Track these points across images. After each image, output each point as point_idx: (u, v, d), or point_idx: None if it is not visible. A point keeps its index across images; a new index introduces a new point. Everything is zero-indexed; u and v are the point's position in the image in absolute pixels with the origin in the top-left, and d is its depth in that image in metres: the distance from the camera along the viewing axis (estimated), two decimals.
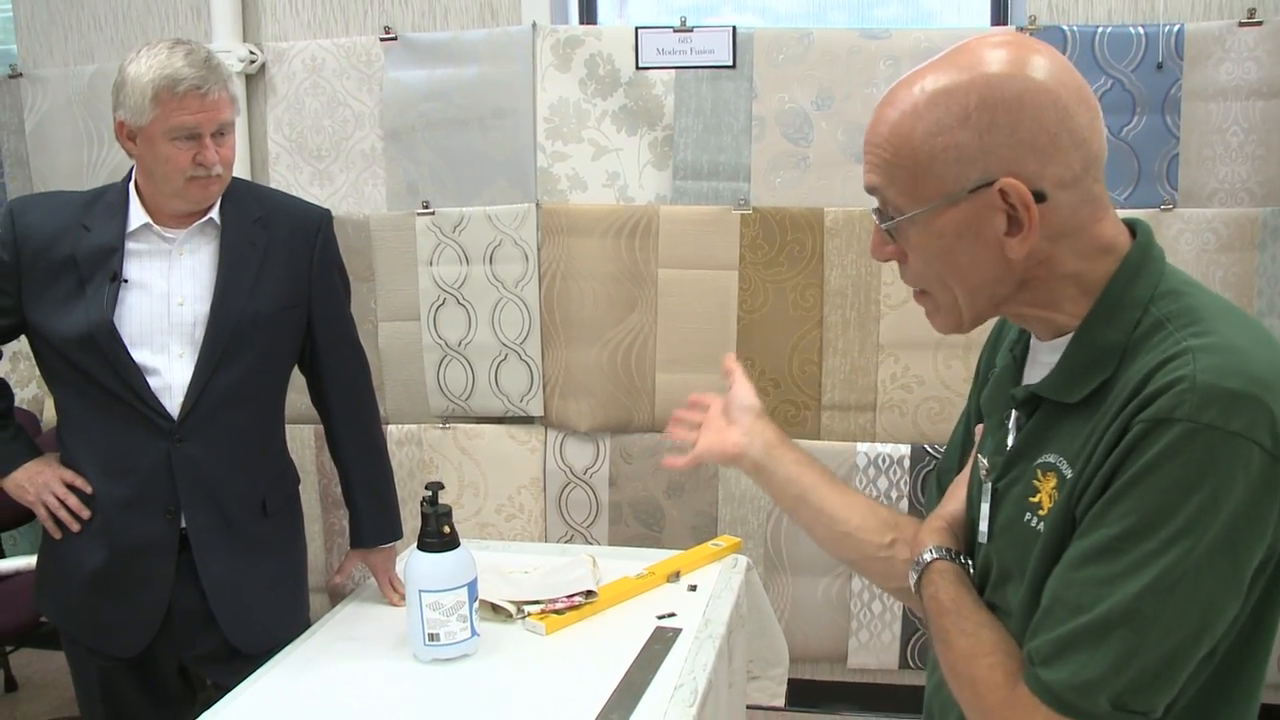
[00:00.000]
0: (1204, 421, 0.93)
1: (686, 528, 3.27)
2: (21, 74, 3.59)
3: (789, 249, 3.14)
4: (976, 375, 1.34)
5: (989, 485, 1.16)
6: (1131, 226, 1.09)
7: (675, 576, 2.24)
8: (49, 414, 3.52)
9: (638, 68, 3.16)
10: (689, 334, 3.21)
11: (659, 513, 3.31)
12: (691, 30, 3.12)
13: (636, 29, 3.14)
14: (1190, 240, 2.96)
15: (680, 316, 3.21)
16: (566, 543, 3.29)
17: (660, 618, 2.05)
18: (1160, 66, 2.91)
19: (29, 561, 2.97)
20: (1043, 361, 1.13)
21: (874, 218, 1.11)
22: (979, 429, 1.26)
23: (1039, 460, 1.08)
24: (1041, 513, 1.07)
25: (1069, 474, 1.04)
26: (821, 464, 1.44)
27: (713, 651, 1.91)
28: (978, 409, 1.29)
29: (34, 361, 2.14)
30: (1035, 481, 1.08)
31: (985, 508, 1.16)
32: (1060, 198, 1.02)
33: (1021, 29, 2.96)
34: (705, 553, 2.34)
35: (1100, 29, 2.94)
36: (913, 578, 1.22)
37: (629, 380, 3.26)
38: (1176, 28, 2.90)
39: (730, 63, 3.12)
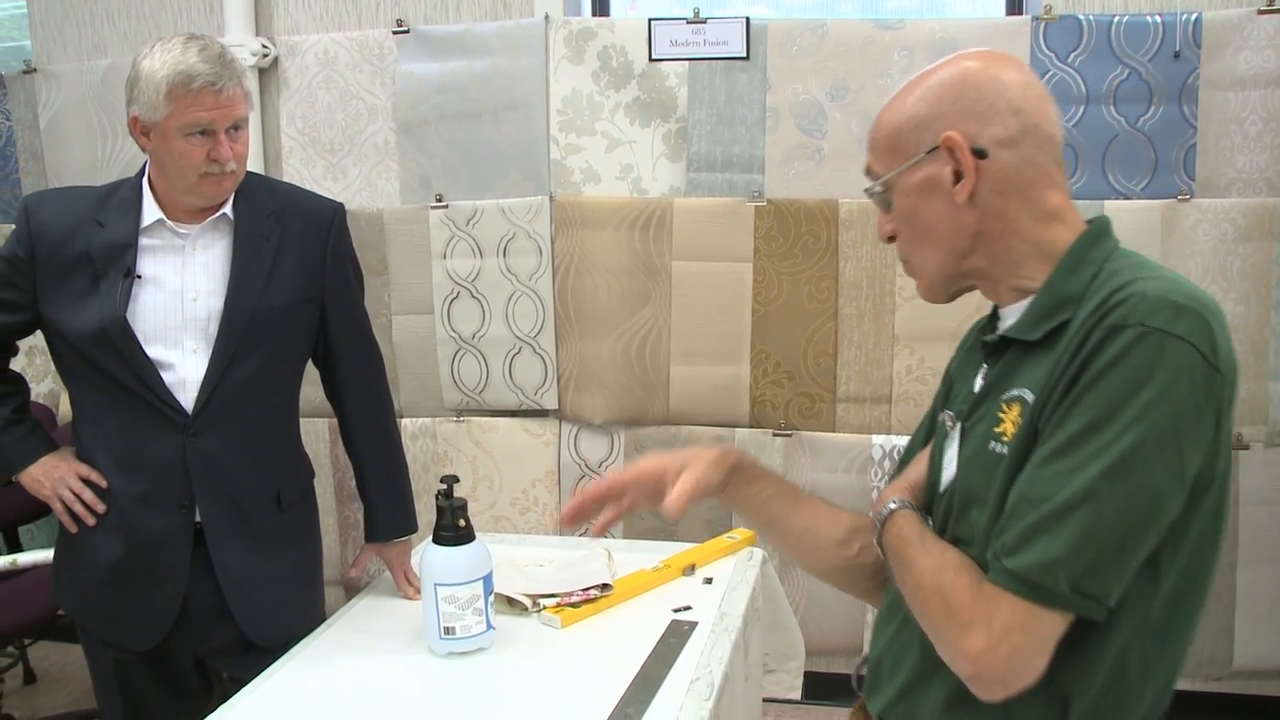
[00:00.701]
0: (1153, 325, 1.06)
1: (701, 521, 3.25)
2: (35, 69, 3.61)
3: (803, 241, 3.13)
4: (945, 375, 1.46)
5: (958, 427, 1.28)
6: (1093, 220, 1.26)
7: (691, 569, 2.23)
8: (65, 409, 3.53)
9: (651, 59, 3.15)
10: (703, 326, 3.20)
11: None
12: (705, 21, 3.11)
13: (649, 20, 3.13)
14: (1208, 231, 2.94)
15: (694, 309, 3.21)
16: (581, 536, 3.28)
17: (676, 611, 2.04)
18: (1178, 55, 2.89)
19: (46, 555, 2.98)
20: (1008, 323, 1.26)
21: (869, 196, 1.31)
22: (944, 416, 1.37)
23: (1004, 395, 1.21)
24: (1005, 439, 1.18)
25: (1032, 399, 1.16)
26: (787, 485, 1.53)
27: (729, 645, 1.90)
28: (944, 399, 1.42)
29: (49, 356, 2.15)
30: (1000, 413, 1.20)
31: (953, 450, 1.28)
32: (1001, 155, 1.20)
33: (1037, 18, 2.94)
34: (721, 545, 2.33)
35: (1117, 18, 2.92)
36: (874, 534, 1.34)
37: (643, 373, 3.25)
38: (1194, 16, 2.87)
39: (744, 54, 3.11)
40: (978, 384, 1.28)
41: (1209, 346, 1.07)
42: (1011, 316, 1.26)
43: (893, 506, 1.32)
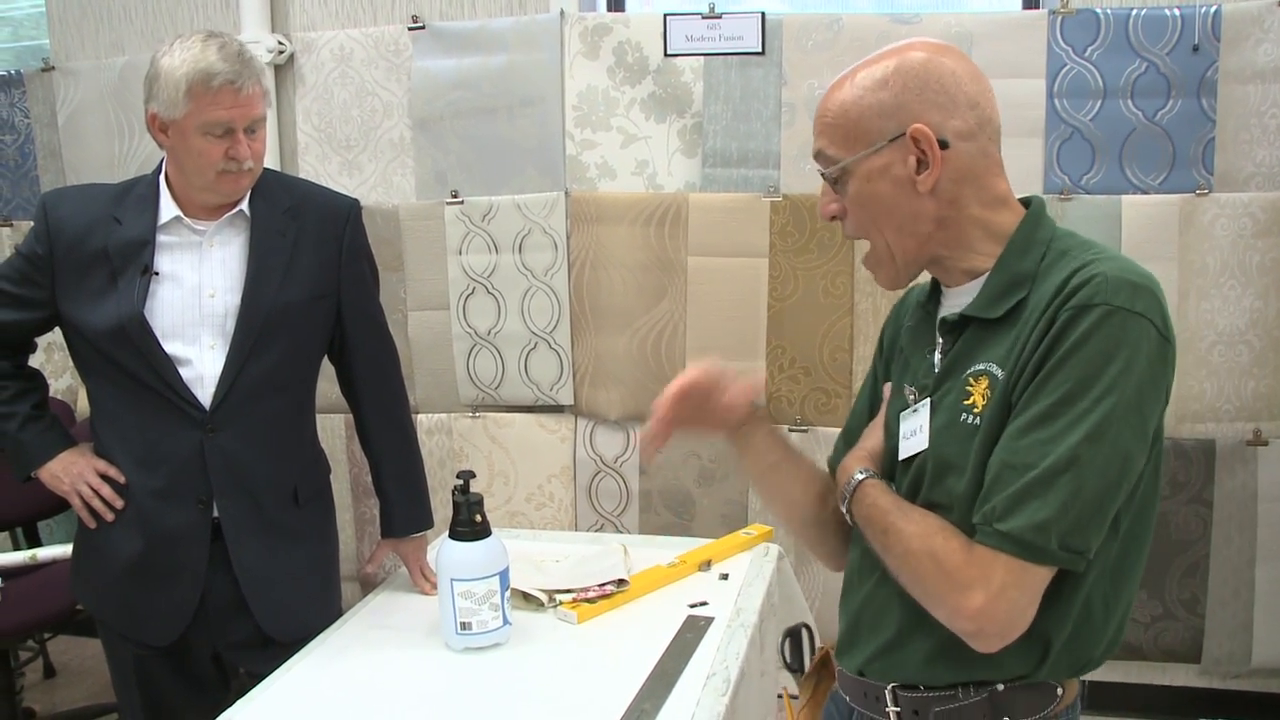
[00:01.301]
0: (1116, 304, 1.17)
1: (717, 516, 3.26)
2: (54, 67, 3.62)
3: (819, 236, 3.12)
4: (880, 347, 1.57)
5: (925, 401, 1.34)
6: (1025, 200, 1.36)
7: (707, 565, 2.23)
8: (83, 405, 3.55)
9: (666, 55, 3.15)
10: (719, 322, 3.20)
11: (689, 501, 3.30)
12: (720, 17, 3.10)
13: (665, 16, 3.13)
14: (1226, 225, 2.92)
15: (710, 304, 3.20)
16: (596, 531, 3.29)
17: (692, 606, 2.04)
18: (1196, 48, 2.87)
19: (65, 550, 3.00)
20: (957, 302, 1.35)
21: (821, 177, 1.36)
22: (887, 387, 1.49)
23: (969, 370, 1.29)
24: (977, 411, 1.26)
25: (1000, 373, 1.25)
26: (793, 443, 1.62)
27: (745, 640, 1.90)
28: (884, 372, 1.53)
29: (67, 353, 2.16)
30: (968, 387, 1.28)
31: (919, 422, 1.34)
32: (960, 147, 1.28)
33: (1054, 12, 2.93)
34: (737, 541, 2.33)
35: (1135, 11, 2.90)
36: (843, 501, 1.41)
37: (659, 368, 3.25)
38: (1213, 9, 2.85)
39: (759, 49, 3.10)
40: (937, 359, 1.36)
41: (1161, 320, 1.19)
42: (963, 295, 1.34)
43: (860, 476, 1.39)
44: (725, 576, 2.19)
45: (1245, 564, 3.05)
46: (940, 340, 1.36)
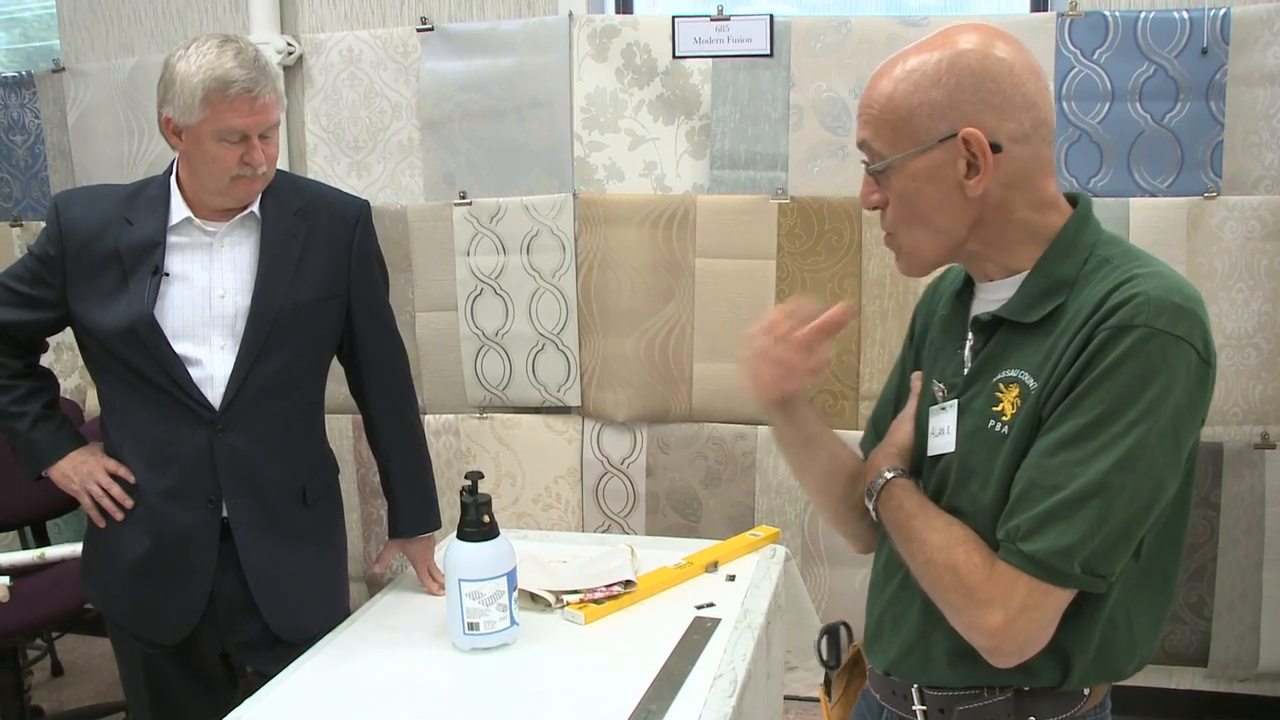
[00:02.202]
0: (1157, 327, 1.13)
1: (723, 518, 3.26)
2: (64, 68, 3.64)
3: (827, 239, 3.12)
4: (911, 333, 1.54)
5: (953, 401, 1.32)
6: (1072, 197, 1.31)
7: (713, 566, 2.23)
8: (91, 404, 3.56)
9: (674, 57, 3.15)
10: (726, 324, 3.20)
11: (696, 503, 3.31)
12: (728, 19, 3.11)
13: (673, 18, 3.13)
14: (1234, 228, 2.92)
15: (718, 306, 3.21)
16: (603, 532, 3.29)
17: (699, 608, 2.04)
18: (1205, 51, 2.87)
19: (74, 549, 3.01)
20: (992, 298, 1.32)
21: (864, 167, 1.31)
22: (916, 376, 1.46)
23: (999, 375, 1.27)
24: (1005, 419, 1.24)
25: (1032, 383, 1.22)
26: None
27: (752, 641, 1.90)
28: (914, 360, 1.50)
29: (77, 352, 2.16)
30: (997, 393, 1.26)
31: (946, 421, 1.32)
32: (1014, 151, 1.23)
33: (1062, 15, 2.93)
34: (743, 543, 2.33)
35: (1143, 14, 2.90)
36: (870, 498, 1.39)
37: (666, 370, 3.26)
38: (1222, 12, 2.85)
39: (768, 51, 3.10)
40: (967, 359, 1.34)
41: (1203, 344, 1.16)
42: (996, 293, 1.31)
43: (889, 475, 1.37)
44: (732, 578, 2.19)
45: (1252, 567, 3.05)
46: (971, 338, 1.34)
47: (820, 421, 1.54)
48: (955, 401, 1.32)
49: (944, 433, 1.33)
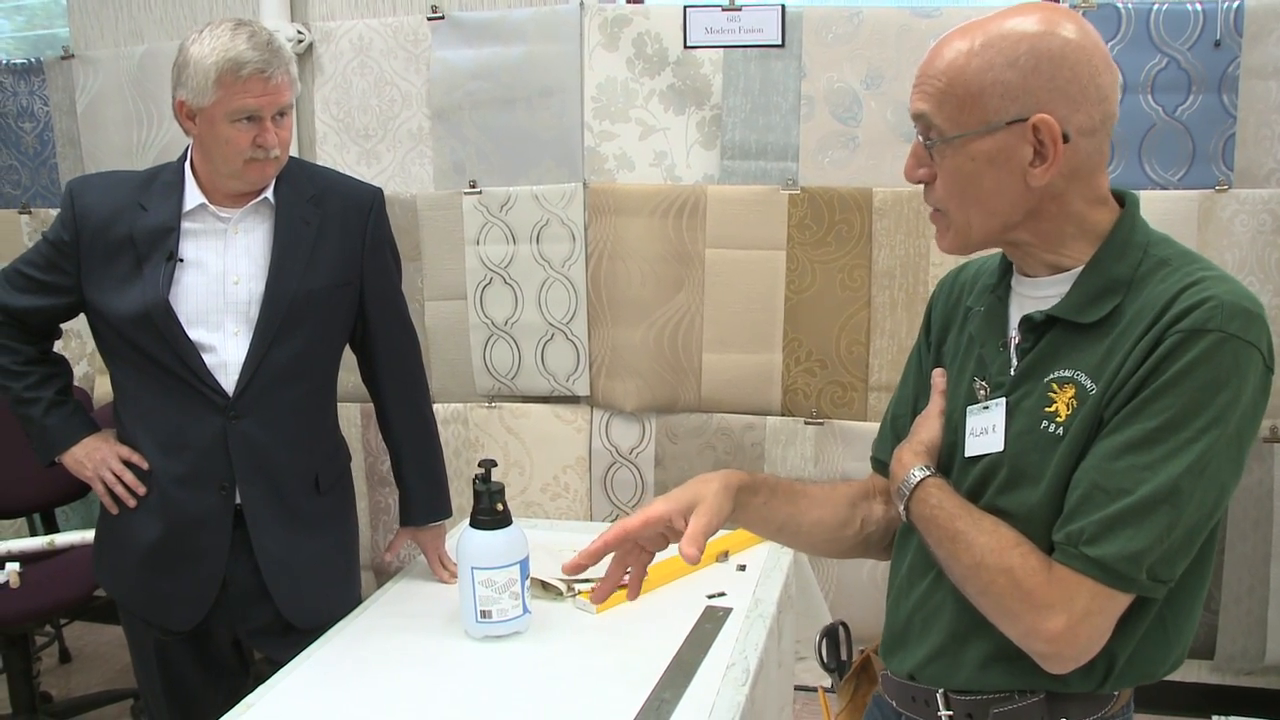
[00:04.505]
0: (1231, 331, 1.12)
1: None
2: (73, 55, 3.64)
3: (837, 229, 3.12)
4: (927, 329, 1.50)
5: (999, 400, 1.28)
6: (1118, 193, 1.29)
7: (724, 556, 2.24)
8: (100, 392, 3.57)
9: (686, 47, 3.15)
10: (736, 314, 3.21)
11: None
12: (740, 9, 3.10)
13: (685, 8, 3.13)
14: (1245, 221, 2.91)
15: (727, 296, 3.21)
16: (612, 522, 3.29)
17: (710, 597, 2.05)
18: (1218, 44, 2.86)
19: (83, 536, 3.02)
20: (1037, 295, 1.28)
21: (918, 138, 1.26)
22: (939, 373, 1.41)
23: (1052, 375, 1.23)
24: (1059, 420, 1.21)
25: (1090, 385, 1.19)
26: (782, 484, 1.48)
27: (764, 631, 1.91)
28: (934, 357, 1.46)
29: (83, 340, 2.17)
30: (1050, 394, 1.23)
31: (990, 421, 1.28)
32: (1080, 143, 1.19)
33: (1074, 7, 2.92)
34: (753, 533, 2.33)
35: (1156, 6, 2.89)
36: (900, 499, 1.34)
37: (675, 360, 3.26)
38: (1236, 4, 2.85)
39: (779, 41, 3.10)
40: (1013, 358, 1.29)
41: (1269, 349, 1.15)
42: (1041, 289, 1.28)
43: (921, 475, 1.33)
44: (743, 568, 2.20)
45: (1260, 561, 3.05)
46: (1017, 336, 1.30)
47: (783, 499, 1.46)
48: (1003, 400, 1.28)
49: (989, 431, 1.29)
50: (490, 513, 1.89)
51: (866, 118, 3.07)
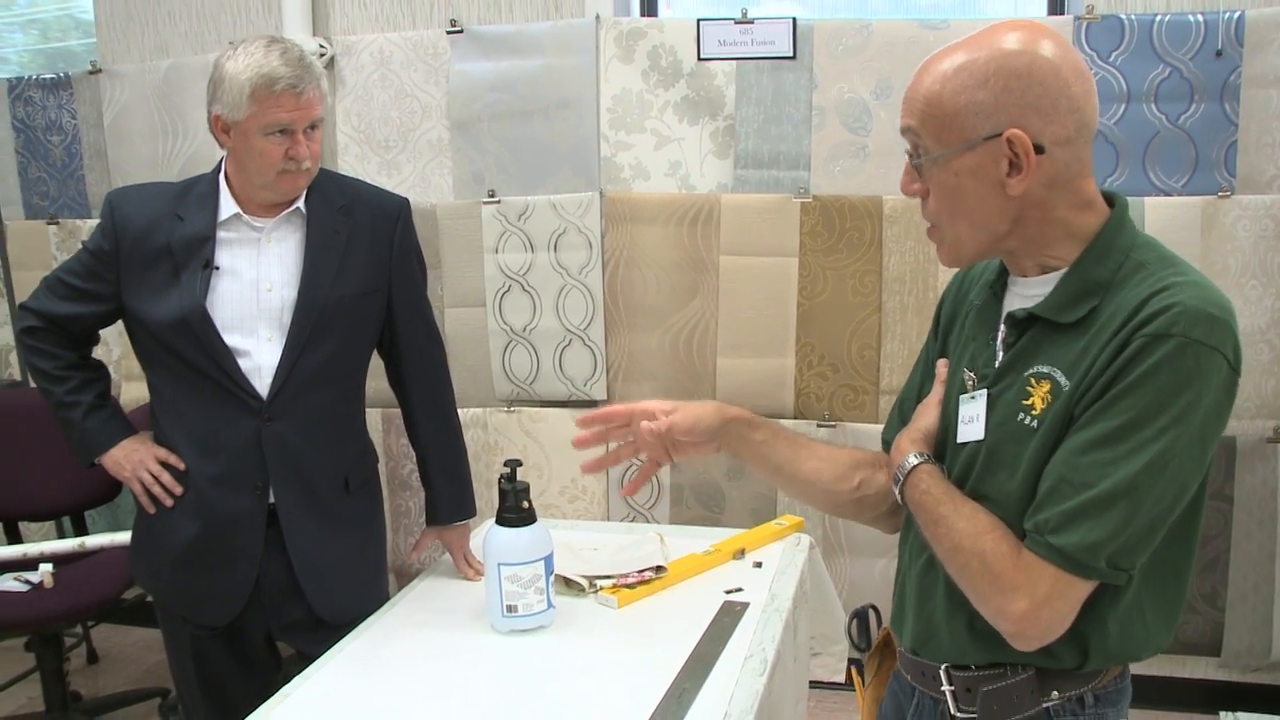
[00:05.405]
0: (1193, 337, 1.17)
1: (746, 509, 3.32)
2: (101, 70, 3.71)
3: (848, 236, 3.18)
4: (937, 321, 1.58)
5: (983, 391, 1.36)
6: (1109, 196, 1.34)
7: (741, 554, 2.28)
8: (128, 398, 3.60)
9: (699, 59, 3.21)
10: (750, 320, 3.27)
11: (719, 494, 3.37)
12: (752, 22, 3.17)
13: (698, 21, 3.20)
14: (1248, 227, 2.97)
15: (741, 302, 3.27)
16: (631, 523, 3.34)
17: (728, 592, 2.09)
18: (1220, 54, 2.92)
19: (112, 538, 3.09)
20: (1026, 294, 1.35)
21: (907, 157, 1.34)
22: (941, 364, 1.48)
23: (1031, 370, 1.30)
24: (1035, 413, 1.28)
25: (1064, 381, 1.26)
26: (786, 431, 1.64)
27: (780, 624, 1.94)
28: (940, 348, 1.53)
29: (110, 348, 2.22)
30: (1028, 388, 1.30)
31: (975, 410, 1.36)
32: (1056, 153, 1.25)
33: (1079, 18, 2.98)
34: (769, 531, 2.38)
35: (1159, 17, 2.95)
36: (896, 483, 1.43)
37: (690, 365, 3.32)
38: (1237, 15, 2.90)
39: (790, 54, 3.16)
40: (999, 352, 1.37)
41: (1234, 354, 1.20)
42: (1031, 289, 1.34)
43: (915, 461, 1.40)
44: (759, 564, 2.24)
45: (1265, 559, 3.10)
46: (1004, 331, 1.37)
47: (784, 443, 1.61)
48: (985, 392, 1.35)
49: (974, 420, 1.36)
50: (516, 510, 1.92)
51: (876, 127, 3.14)
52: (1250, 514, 3.09)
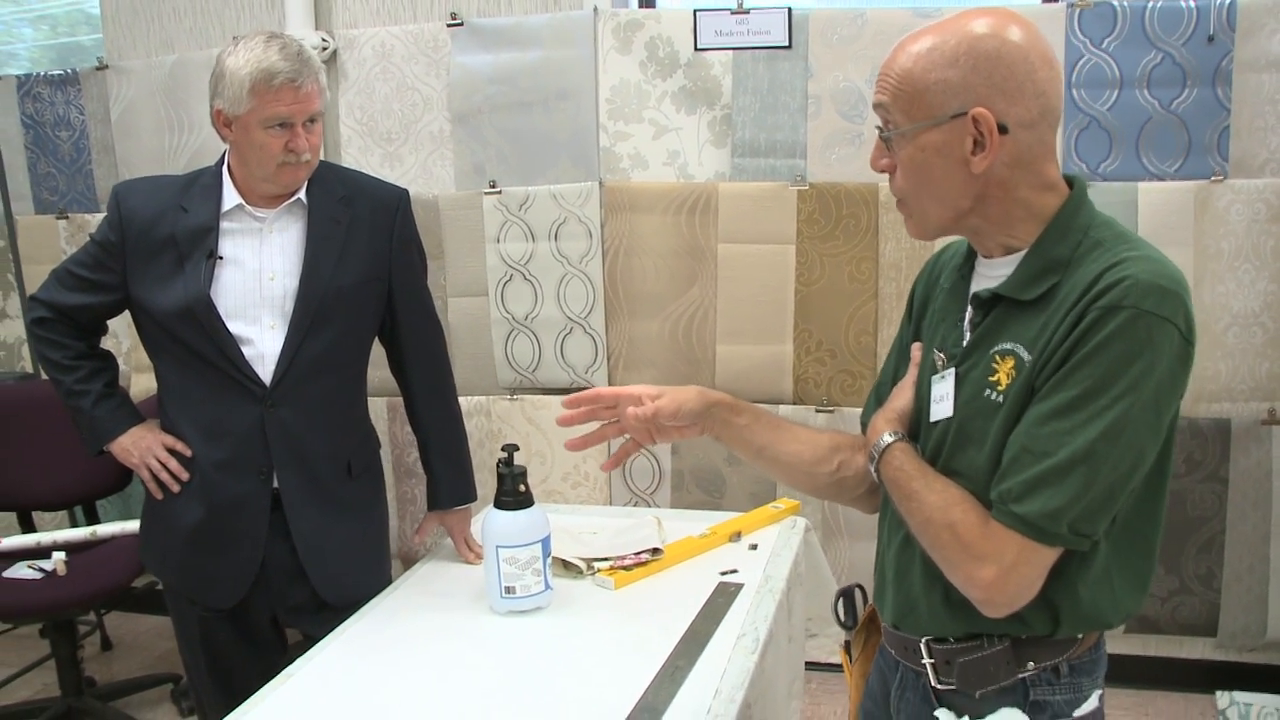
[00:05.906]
0: (1144, 308, 1.21)
1: (746, 494, 3.35)
2: (107, 66, 3.75)
3: (845, 223, 3.21)
4: (910, 305, 1.62)
5: (951, 370, 1.40)
6: (1069, 178, 1.38)
7: (736, 536, 2.31)
8: (137, 389, 3.65)
9: (696, 49, 3.24)
10: (748, 307, 3.30)
11: (719, 480, 3.40)
12: (748, 12, 3.19)
13: (695, 11, 3.22)
14: (1241, 211, 2.99)
15: (739, 290, 3.30)
16: (633, 508, 3.38)
17: (723, 574, 2.12)
18: (1212, 39, 2.93)
19: (123, 527, 3.14)
20: (992, 275, 1.39)
21: (877, 131, 1.38)
22: (916, 347, 1.53)
23: (996, 347, 1.34)
24: (1000, 388, 1.33)
25: (1026, 356, 1.30)
26: (768, 415, 1.68)
27: (773, 605, 1.97)
28: (914, 332, 1.57)
29: (119, 339, 2.26)
30: (994, 364, 1.34)
31: (945, 389, 1.41)
32: (1019, 135, 1.30)
33: (1072, 5, 2.99)
34: (765, 514, 2.41)
35: (1151, 3, 2.96)
36: (872, 461, 1.47)
37: (690, 352, 3.35)
38: (1228, 0, 2.92)
39: (786, 43, 3.19)
40: (966, 332, 1.41)
41: (1185, 324, 1.24)
42: (995, 269, 1.39)
43: (889, 439, 1.45)
44: (754, 547, 2.27)
45: (1260, 540, 3.12)
46: (971, 311, 1.41)
47: (766, 427, 1.65)
48: (954, 370, 1.40)
49: (943, 399, 1.41)
50: (513, 494, 1.96)
51: (871, 115, 3.10)
52: (1245, 495, 3.11)
